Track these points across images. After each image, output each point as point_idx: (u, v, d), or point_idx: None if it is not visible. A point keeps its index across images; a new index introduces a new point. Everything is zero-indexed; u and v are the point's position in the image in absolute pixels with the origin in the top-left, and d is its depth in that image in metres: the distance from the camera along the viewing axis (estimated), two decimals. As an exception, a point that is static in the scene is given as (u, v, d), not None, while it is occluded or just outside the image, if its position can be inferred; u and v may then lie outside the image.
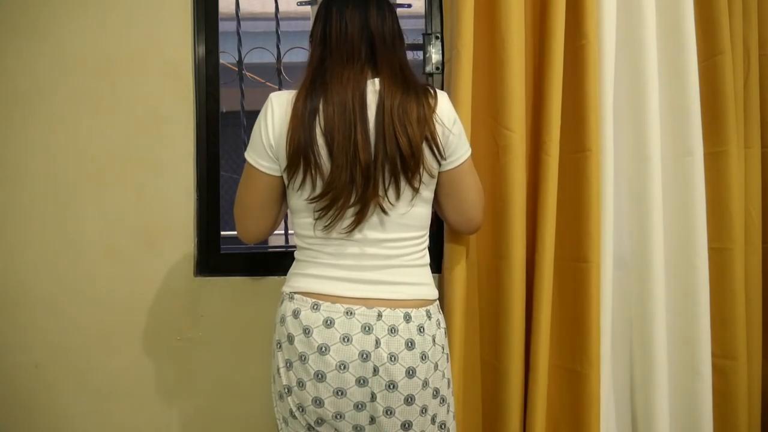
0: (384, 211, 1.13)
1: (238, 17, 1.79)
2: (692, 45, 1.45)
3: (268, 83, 2.86)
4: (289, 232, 1.86)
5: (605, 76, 1.41)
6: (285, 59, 1.82)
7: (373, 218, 1.13)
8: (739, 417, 1.47)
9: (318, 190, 1.11)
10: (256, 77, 3.13)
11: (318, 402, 1.10)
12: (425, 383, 1.12)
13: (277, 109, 1.13)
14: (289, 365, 1.12)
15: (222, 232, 1.61)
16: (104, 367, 1.54)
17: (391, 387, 1.09)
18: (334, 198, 1.10)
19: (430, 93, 1.15)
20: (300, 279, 1.17)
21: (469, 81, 1.40)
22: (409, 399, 1.10)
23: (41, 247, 1.53)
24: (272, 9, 1.81)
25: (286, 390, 1.13)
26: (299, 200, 1.15)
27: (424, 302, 1.17)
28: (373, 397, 1.10)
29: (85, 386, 1.54)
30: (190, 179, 1.56)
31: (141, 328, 1.54)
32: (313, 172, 1.10)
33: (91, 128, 1.54)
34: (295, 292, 1.15)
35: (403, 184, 1.12)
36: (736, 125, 1.50)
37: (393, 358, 1.09)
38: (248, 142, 1.18)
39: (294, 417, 1.14)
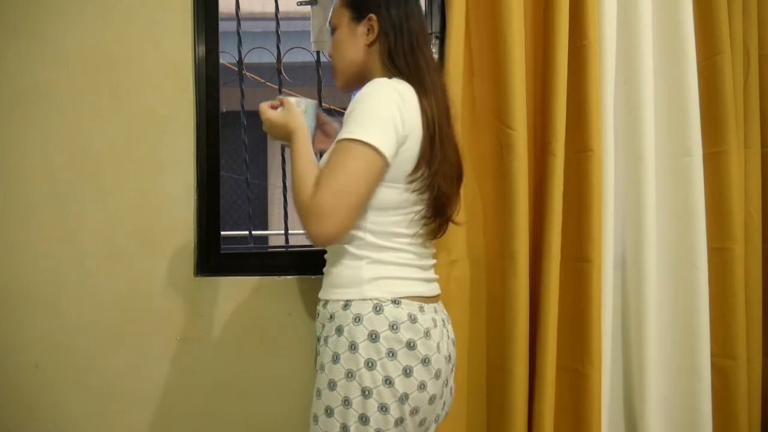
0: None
1: (238, 17, 1.79)
2: (691, 45, 1.46)
3: (268, 83, 2.86)
4: (291, 232, 1.86)
5: (606, 76, 1.41)
6: (285, 59, 1.81)
7: None
8: (739, 417, 1.47)
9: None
10: (256, 77, 3.13)
11: (432, 399, 1.11)
12: None
13: (408, 98, 1.09)
14: (408, 372, 1.07)
15: (222, 232, 1.60)
16: (104, 367, 1.53)
17: (453, 370, 1.20)
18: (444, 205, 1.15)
19: None
20: (398, 283, 1.13)
21: (459, 82, 1.40)
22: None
23: (41, 247, 1.53)
24: (272, 9, 1.80)
25: (403, 397, 1.07)
26: (403, 195, 1.11)
27: None
28: (446, 383, 1.17)
29: (85, 386, 1.53)
30: (190, 179, 1.55)
31: (141, 328, 1.54)
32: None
33: (91, 128, 1.54)
34: (401, 298, 1.11)
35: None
36: (735, 125, 1.50)
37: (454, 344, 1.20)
38: (362, 125, 1.04)
39: (398, 425, 1.08)
